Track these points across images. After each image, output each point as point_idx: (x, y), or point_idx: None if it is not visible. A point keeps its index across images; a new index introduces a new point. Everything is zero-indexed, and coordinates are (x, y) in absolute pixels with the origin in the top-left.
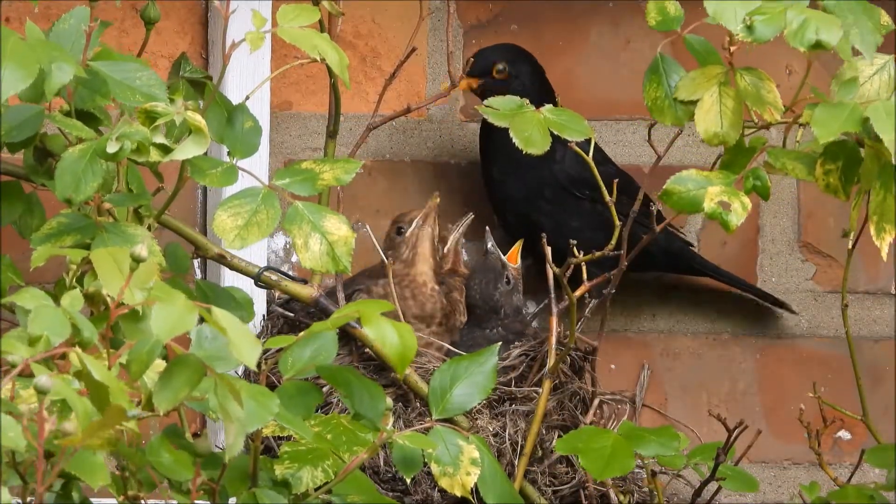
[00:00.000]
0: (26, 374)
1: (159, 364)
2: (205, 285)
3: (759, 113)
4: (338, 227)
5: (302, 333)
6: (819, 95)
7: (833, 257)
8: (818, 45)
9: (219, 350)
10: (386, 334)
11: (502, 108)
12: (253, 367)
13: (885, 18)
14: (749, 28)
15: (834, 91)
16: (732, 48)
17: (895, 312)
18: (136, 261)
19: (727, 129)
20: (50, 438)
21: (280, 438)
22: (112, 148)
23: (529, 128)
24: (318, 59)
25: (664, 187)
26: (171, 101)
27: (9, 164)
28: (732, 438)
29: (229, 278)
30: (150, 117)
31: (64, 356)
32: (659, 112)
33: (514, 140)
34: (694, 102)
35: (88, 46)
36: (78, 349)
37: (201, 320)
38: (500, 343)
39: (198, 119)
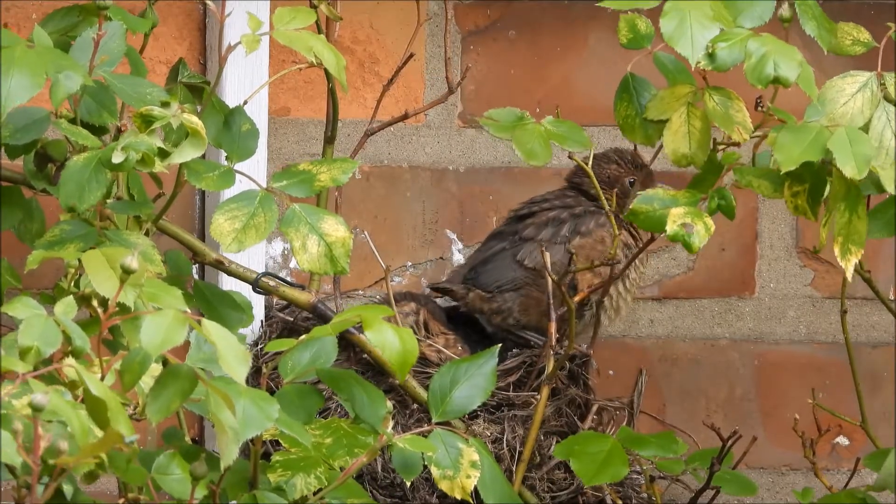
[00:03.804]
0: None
1: (156, 368)
2: (204, 286)
3: (728, 133)
4: (335, 228)
5: (302, 337)
6: (786, 117)
7: (831, 263)
8: (776, 81)
9: None
10: (387, 339)
11: (503, 120)
12: (241, 381)
13: (865, 35)
14: (711, 56)
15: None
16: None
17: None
18: (127, 272)
19: (695, 150)
20: (45, 456)
21: (279, 444)
22: (118, 158)
23: (531, 140)
24: (315, 61)
25: (631, 207)
26: (166, 104)
27: (8, 169)
28: (727, 447)
29: (227, 284)
30: (146, 121)
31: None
32: (630, 131)
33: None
34: (664, 122)
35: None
36: (75, 363)
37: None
38: (499, 345)
39: (194, 121)
